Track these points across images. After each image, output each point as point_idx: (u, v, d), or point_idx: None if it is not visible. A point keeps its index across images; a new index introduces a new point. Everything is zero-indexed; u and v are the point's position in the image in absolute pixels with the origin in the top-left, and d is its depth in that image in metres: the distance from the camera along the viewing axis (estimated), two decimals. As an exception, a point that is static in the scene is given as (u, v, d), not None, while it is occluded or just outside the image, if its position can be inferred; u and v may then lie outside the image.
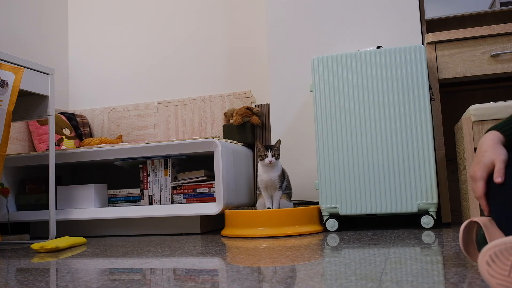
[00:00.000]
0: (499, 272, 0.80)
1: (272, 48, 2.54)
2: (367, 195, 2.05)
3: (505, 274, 0.80)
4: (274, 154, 2.08)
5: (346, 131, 2.09)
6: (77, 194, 2.53)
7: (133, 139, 3.14)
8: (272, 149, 2.09)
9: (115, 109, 3.20)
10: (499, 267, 0.80)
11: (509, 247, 0.80)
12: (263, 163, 2.10)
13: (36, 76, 2.22)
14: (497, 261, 0.81)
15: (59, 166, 2.81)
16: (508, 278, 0.79)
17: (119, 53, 3.27)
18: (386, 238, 1.73)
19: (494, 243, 0.82)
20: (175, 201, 2.47)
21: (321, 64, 2.15)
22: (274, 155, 2.08)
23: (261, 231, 2.02)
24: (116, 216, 2.39)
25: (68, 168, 3.01)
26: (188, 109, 3.04)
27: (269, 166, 2.09)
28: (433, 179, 1.99)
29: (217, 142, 2.28)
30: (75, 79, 3.35)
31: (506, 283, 0.79)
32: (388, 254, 1.36)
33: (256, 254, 1.49)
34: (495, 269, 0.81)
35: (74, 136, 2.98)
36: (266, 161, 2.07)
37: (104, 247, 1.97)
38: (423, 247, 1.47)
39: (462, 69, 2.17)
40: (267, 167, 2.10)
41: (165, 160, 2.50)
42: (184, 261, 1.44)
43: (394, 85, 2.06)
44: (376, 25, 2.38)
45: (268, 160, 2.07)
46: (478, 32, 2.14)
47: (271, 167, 2.09)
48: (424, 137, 2.01)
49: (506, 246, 0.80)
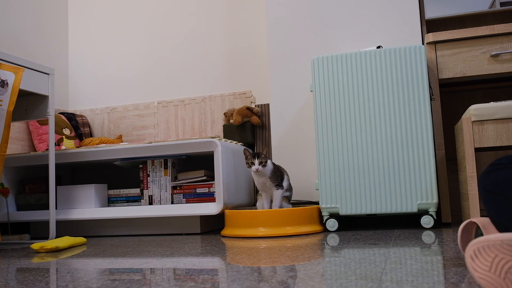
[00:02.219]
0: (481, 267, 0.85)
1: (272, 48, 2.54)
2: (367, 195, 2.05)
3: (486, 269, 0.84)
4: (261, 162, 2.09)
5: (346, 131, 2.09)
6: (77, 194, 2.53)
7: (133, 139, 3.14)
8: (259, 156, 2.11)
9: (115, 109, 3.21)
10: (481, 262, 0.85)
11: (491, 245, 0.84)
12: (251, 170, 2.13)
13: (36, 76, 2.22)
14: (479, 257, 0.85)
15: (59, 166, 2.81)
16: (489, 273, 0.83)
17: (119, 53, 3.27)
18: (386, 238, 1.73)
19: (479, 239, 0.86)
20: (175, 201, 2.47)
21: (321, 64, 2.15)
22: (261, 162, 2.09)
23: (261, 231, 2.02)
24: (116, 216, 2.39)
25: (68, 168, 3.01)
26: (188, 109, 3.04)
27: (256, 173, 2.11)
28: (433, 179, 1.99)
29: (217, 142, 2.28)
30: (75, 79, 3.35)
31: (488, 278, 0.83)
32: (388, 254, 1.37)
33: (256, 254, 1.50)
34: (477, 263, 0.85)
35: (74, 136, 2.98)
36: (253, 169, 2.10)
37: (104, 247, 1.97)
38: (423, 247, 1.47)
39: (462, 69, 2.17)
40: (255, 174, 2.12)
41: (165, 160, 2.50)
42: (184, 261, 1.44)
43: (394, 85, 2.06)
44: (376, 25, 2.38)
45: (255, 168, 2.09)
46: (478, 32, 2.15)
47: (259, 174, 2.12)
48: (424, 137, 2.02)
49: (489, 243, 0.85)
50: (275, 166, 2.18)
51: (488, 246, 0.84)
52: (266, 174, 2.12)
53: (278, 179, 2.15)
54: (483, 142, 1.81)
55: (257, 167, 2.09)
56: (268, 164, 2.13)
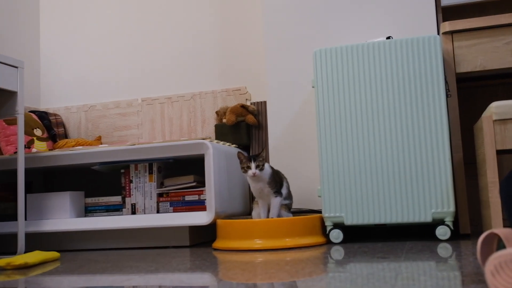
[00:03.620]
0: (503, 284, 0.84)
1: (269, 40, 2.54)
2: (375, 203, 2.05)
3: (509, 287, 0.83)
4: (258, 166, 2.09)
5: (352, 131, 2.10)
6: (50, 203, 2.52)
7: (114, 140, 3.13)
8: (256, 159, 2.10)
9: (93, 107, 3.20)
10: (503, 279, 0.84)
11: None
12: (247, 175, 2.13)
13: (2, 69, 2.21)
14: (501, 272, 0.84)
15: (30, 171, 2.80)
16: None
17: (98, 45, 3.27)
18: (397, 251, 1.73)
19: (501, 253, 0.85)
20: (161, 210, 2.46)
21: (324, 57, 2.15)
22: (258, 166, 2.09)
23: (257, 243, 2.01)
24: (95, 227, 2.38)
25: (40, 173, 3.00)
26: (176, 107, 3.03)
27: (253, 178, 2.11)
28: (449, 185, 2.00)
29: (208, 144, 2.28)
30: (48, 73, 3.34)
31: None
32: (399, 269, 1.37)
33: (252, 269, 1.49)
34: (499, 280, 0.85)
35: (46, 138, 2.97)
36: (250, 173, 2.09)
37: (80, 262, 1.96)
38: (439, 261, 1.47)
39: (482, 61, 2.18)
40: (252, 179, 2.12)
41: (150, 164, 2.49)
42: (170, 278, 1.44)
43: (406, 80, 2.06)
44: (386, 13, 2.39)
45: (251, 172, 2.09)
46: (501, 20, 2.15)
47: (256, 179, 2.11)
48: (439, 138, 2.02)
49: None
50: (274, 171, 2.19)
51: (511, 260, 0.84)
52: (264, 179, 2.12)
53: (277, 185, 2.15)
54: (506, 144, 1.81)
55: (253, 171, 2.09)
56: (266, 168, 2.13)
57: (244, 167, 2.12)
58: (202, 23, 3.08)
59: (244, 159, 2.13)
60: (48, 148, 2.94)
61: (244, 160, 2.13)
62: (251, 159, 2.11)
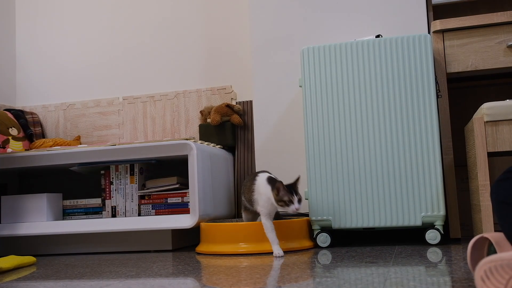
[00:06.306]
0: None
1: (255, 37, 2.54)
2: (363, 206, 2.06)
3: None
4: (300, 199, 1.88)
5: (340, 132, 2.10)
6: (26, 205, 2.50)
7: (93, 140, 3.12)
8: (297, 192, 1.88)
9: (72, 106, 3.18)
10: (493, 284, 0.84)
11: (505, 264, 0.83)
12: (285, 210, 1.88)
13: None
14: (491, 278, 0.85)
15: (4, 172, 2.77)
16: None
17: (77, 40, 3.24)
18: (386, 256, 1.74)
19: (490, 258, 0.86)
20: (142, 212, 2.45)
21: (311, 55, 2.16)
22: (300, 200, 1.88)
23: (242, 247, 2.02)
24: (73, 231, 2.37)
25: (15, 174, 2.98)
26: (159, 106, 3.02)
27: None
28: (439, 188, 2.01)
29: (191, 144, 2.28)
30: (24, 70, 3.31)
31: None
32: (387, 274, 1.37)
33: (236, 274, 1.49)
34: (489, 286, 0.85)
35: (22, 137, 2.95)
36: (292, 209, 1.85)
37: (58, 267, 1.94)
38: (428, 266, 1.49)
39: (474, 61, 2.20)
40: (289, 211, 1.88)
41: (132, 165, 2.48)
42: (152, 283, 1.43)
43: (395, 80, 2.08)
44: (375, 10, 2.40)
45: (295, 207, 1.84)
46: (493, 19, 2.17)
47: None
48: (429, 139, 2.03)
49: (503, 262, 0.84)
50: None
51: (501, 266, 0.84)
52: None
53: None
54: (498, 146, 1.83)
55: (297, 206, 1.85)
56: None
57: (286, 201, 1.86)
58: (186, 19, 3.07)
59: (284, 191, 1.86)
60: (24, 148, 2.92)
61: (283, 192, 1.86)
62: (292, 191, 1.87)
